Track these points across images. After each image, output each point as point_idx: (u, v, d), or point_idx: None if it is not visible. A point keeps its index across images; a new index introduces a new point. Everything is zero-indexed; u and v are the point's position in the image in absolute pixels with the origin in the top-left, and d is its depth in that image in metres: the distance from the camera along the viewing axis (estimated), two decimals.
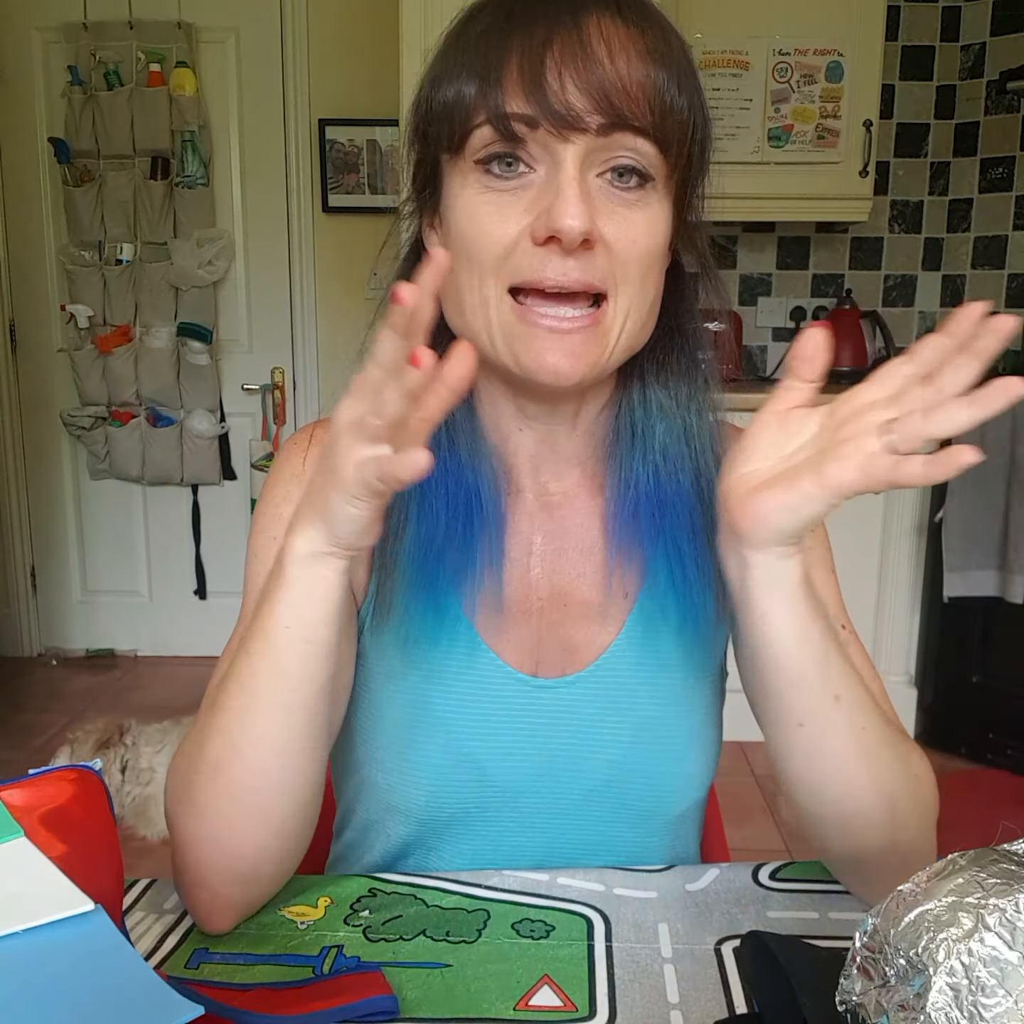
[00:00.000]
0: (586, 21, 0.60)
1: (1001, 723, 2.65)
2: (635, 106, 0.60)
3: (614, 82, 0.59)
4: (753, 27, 2.70)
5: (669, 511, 0.71)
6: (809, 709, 0.60)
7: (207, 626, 3.34)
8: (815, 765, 0.62)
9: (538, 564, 0.74)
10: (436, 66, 0.65)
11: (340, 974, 0.59)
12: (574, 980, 0.59)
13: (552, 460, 0.74)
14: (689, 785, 0.75)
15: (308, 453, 0.74)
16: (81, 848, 0.50)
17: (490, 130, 0.61)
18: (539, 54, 0.59)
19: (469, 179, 0.63)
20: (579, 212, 0.59)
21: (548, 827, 0.74)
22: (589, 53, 0.59)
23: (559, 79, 0.59)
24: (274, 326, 3.30)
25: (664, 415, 0.72)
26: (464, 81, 0.62)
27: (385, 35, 2.60)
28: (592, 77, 0.59)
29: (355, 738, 0.75)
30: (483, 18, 0.63)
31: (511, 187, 0.62)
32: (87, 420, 3.25)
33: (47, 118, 3.16)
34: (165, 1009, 0.40)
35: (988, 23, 2.97)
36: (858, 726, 0.60)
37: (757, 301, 3.19)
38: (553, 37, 0.59)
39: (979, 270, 3.09)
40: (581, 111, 0.59)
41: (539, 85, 0.59)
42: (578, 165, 0.60)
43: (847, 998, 0.47)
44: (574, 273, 0.61)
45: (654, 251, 0.64)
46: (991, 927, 0.42)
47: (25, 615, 3.46)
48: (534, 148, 0.61)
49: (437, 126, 0.64)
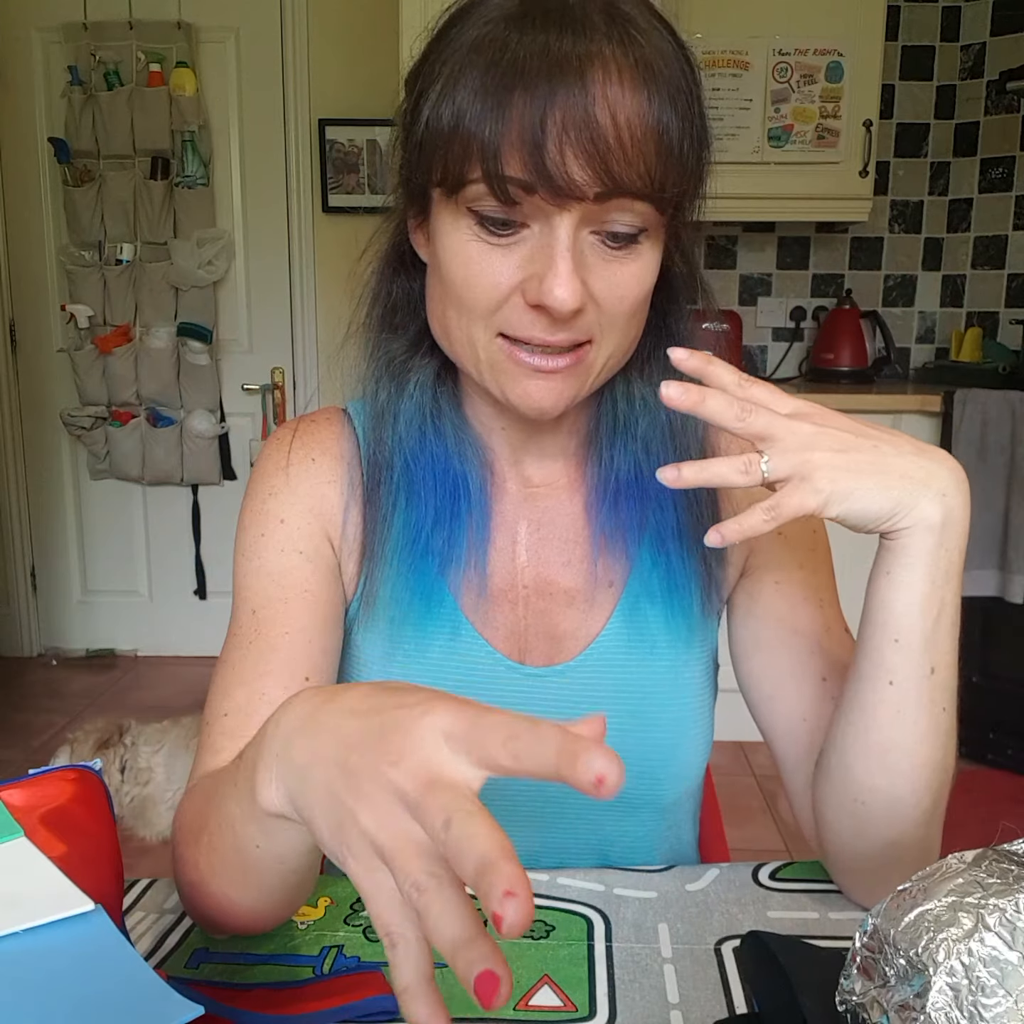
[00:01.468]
0: (591, 77, 0.56)
1: (1001, 723, 2.65)
2: (636, 175, 0.58)
3: (615, 151, 0.56)
4: (753, 27, 2.70)
5: (652, 502, 0.72)
6: (904, 671, 0.59)
7: (207, 626, 3.34)
8: (889, 729, 0.60)
9: (523, 553, 0.75)
10: (428, 73, 0.61)
11: (340, 974, 0.59)
12: (574, 980, 0.59)
13: (535, 454, 0.74)
14: (679, 774, 0.75)
15: (291, 447, 0.74)
16: (81, 848, 0.50)
17: (485, 187, 0.59)
18: (540, 117, 0.56)
19: (461, 223, 0.61)
20: (572, 290, 0.58)
21: (539, 815, 0.74)
22: (592, 120, 0.56)
23: (559, 147, 0.56)
24: (274, 326, 3.30)
25: (647, 409, 0.72)
26: (462, 117, 0.58)
27: (385, 35, 2.59)
28: (594, 147, 0.56)
29: None
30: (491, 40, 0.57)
31: (504, 243, 0.61)
32: (87, 420, 3.25)
33: (47, 118, 3.16)
34: (165, 1009, 0.40)
35: (988, 23, 2.97)
36: (939, 706, 0.60)
37: (757, 301, 3.19)
38: (556, 97, 0.56)
39: (979, 270, 3.09)
40: (581, 183, 0.57)
41: (539, 152, 0.56)
42: (572, 231, 0.59)
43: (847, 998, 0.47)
44: (562, 334, 0.61)
45: (642, 296, 0.64)
46: (991, 927, 0.42)
47: (25, 615, 3.46)
48: (529, 208, 0.59)
49: (429, 154, 0.61)
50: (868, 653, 0.60)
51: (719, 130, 2.83)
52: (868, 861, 0.65)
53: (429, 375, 0.72)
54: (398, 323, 0.73)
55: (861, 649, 0.61)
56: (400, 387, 0.72)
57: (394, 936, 0.37)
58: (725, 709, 0.83)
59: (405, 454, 0.71)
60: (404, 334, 0.73)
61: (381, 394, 0.73)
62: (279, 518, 0.72)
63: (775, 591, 0.74)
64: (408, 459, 0.71)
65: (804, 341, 3.20)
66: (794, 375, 3.20)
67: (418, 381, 0.72)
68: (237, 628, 0.70)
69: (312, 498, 0.73)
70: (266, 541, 0.71)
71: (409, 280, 0.73)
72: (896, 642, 0.59)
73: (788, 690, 0.73)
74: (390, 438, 0.72)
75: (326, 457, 0.74)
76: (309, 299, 3.27)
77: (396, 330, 0.73)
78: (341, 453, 0.75)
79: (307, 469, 0.73)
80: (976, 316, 3.10)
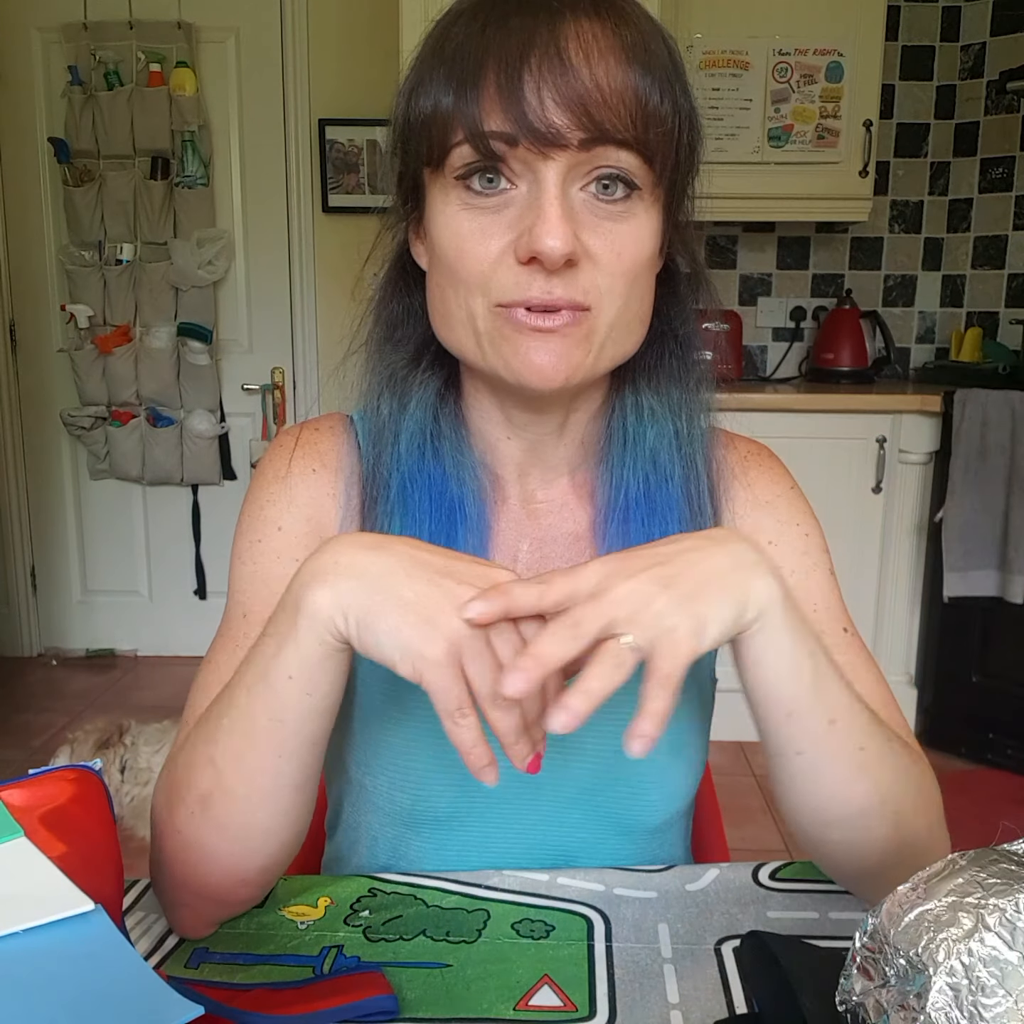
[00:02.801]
0: (563, 30, 0.58)
1: (1001, 723, 2.65)
2: (616, 119, 0.58)
3: (594, 95, 0.57)
4: (753, 27, 2.70)
5: (658, 520, 0.71)
6: (805, 737, 0.58)
7: (207, 626, 3.30)
8: (816, 790, 0.61)
9: (524, 572, 0.74)
10: (414, 75, 0.63)
11: (340, 974, 0.59)
12: (574, 980, 0.59)
13: (540, 468, 0.74)
14: (670, 796, 0.75)
15: (293, 455, 0.74)
16: (81, 848, 0.50)
17: (469, 148, 0.60)
18: (516, 68, 0.57)
19: (451, 196, 0.62)
20: (561, 233, 0.58)
21: (530, 833, 0.74)
22: (568, 65, 0.57)
23: (538, 94, 0.57)
24: (274, 326, 3.30)
25: (655, 420, 0.72)
26: (441, 96, 0.60)
27: (385, 35, 2.60)
28: (572, 91, 0.57)
29: (343, 741, 0.75)
30: (459, 28, 0.60)
31: (493, 204, 0.61)
32: (87, 420, 3.25)
33: (47, 118, 3.15)
34: (165, 1009, 0.40)
35: (988, 23, 2.97)
36: (855, 747, 0.59)
37: (757, 301, 3.19)
38: (530, 49, 0.57)
39: (979, 270, 3.09)
40: (561, 127, 0.57)
41: (517, 102, 0.57)
42: (559, 182, 0.59)
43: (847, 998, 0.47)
44: (558, 291, 0.61)
45: (641, 261, 0.63)
46: (991, 927, 0.42)
47: (25, 615, 3.46)
48: (515, 164, 0.60)
49: (416, 140, 0.63)
50: (768, 734, 0.59)
51: (719, 130, 2.84)
52: (870, 878, 0.65)
53: (431, 393, 0.72)
54: (399, 338, 0.73)
55: (761, 731, 0.60)
56: (402, 404, 0.72)
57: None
58: (725, 709, 0.83)
59: (403, 474, 0.71)
60: (404, 347, 0.73)
61: (383, 410, 0.72)
62: (277, 525, 0.71)
63: None
64: (406, 479, 0.71)
65: (804, 341, 3.20)
66: (794, 375, 3.20)
67: (420, 398, 0.72)
68: (227, 630, 0.70)
69: (311, 508, 0.73)
70: (263, 547, 0.71)
71: (410, 296, 0.73)
72: (789, 716, 0.57)
73: None
74: (389, 456, 0.72)
75: (327, 470, 0.74)
76: (309, 299, 3.27)
77: (397, 344, 0.73)
78: (341, 466, 0.74)
79: (307, 479, 0.73)
80: (976, 316, 3.10)
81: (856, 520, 2.64)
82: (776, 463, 0.79)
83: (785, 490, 0.77)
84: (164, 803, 0.62)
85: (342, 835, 0.80)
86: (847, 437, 2.62)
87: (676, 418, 0.72)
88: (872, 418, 2.61)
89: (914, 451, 2.62)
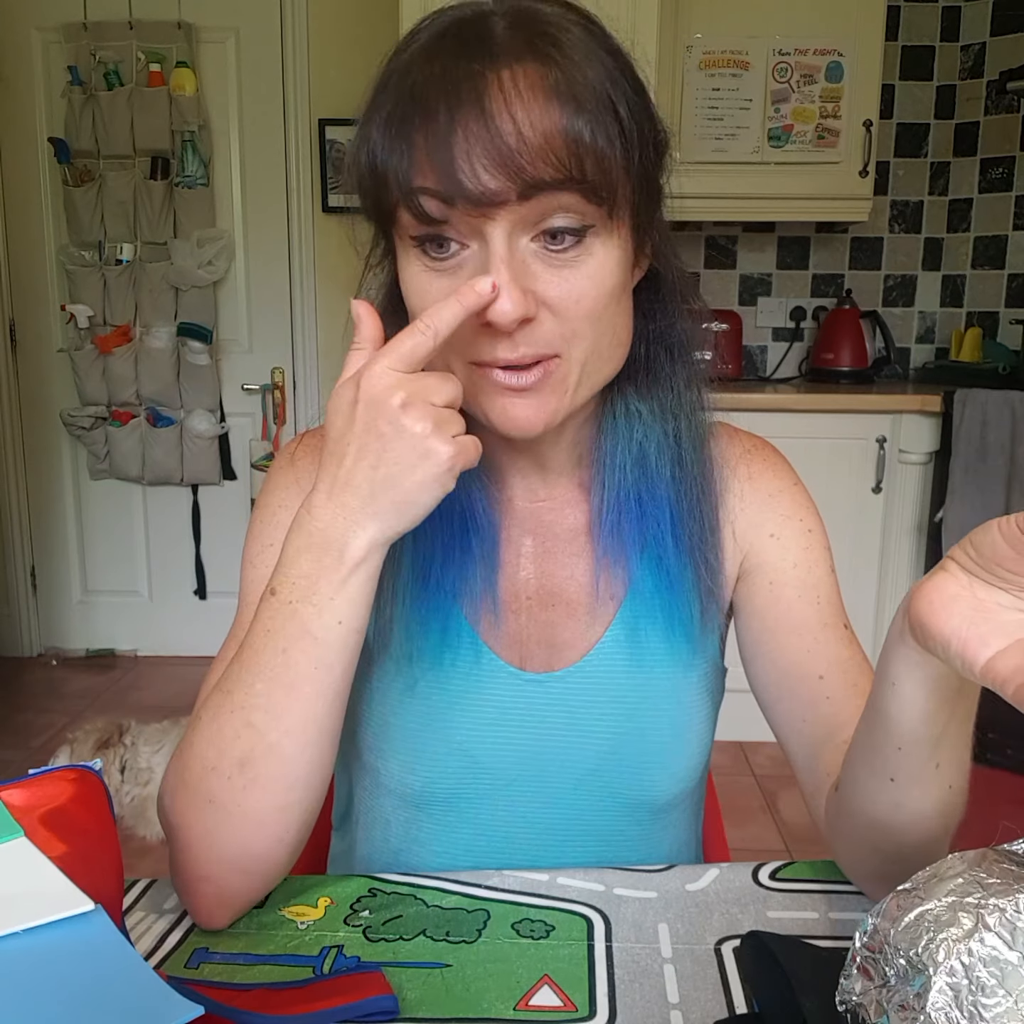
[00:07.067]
0: (489, 93, 0.57)
1: (1001, 723, 2.64)
2: (549, 165, 0.57)
3: (520, 149, 0.56)
4: (753, 27, 2.70)
5: (651, 518, 0.72)
6: (907, 771, 0.58)
7: (207, 626, 3.34)
8: (893, 811, 0.60)
9: (527, 566, 0.76)
10: (363, 118, 0.63)
11: (340, 974, 0.59)
12: (574, 980, 0.59)
13: (539, 471, 0.75)
14: (674, 776, 0.76)
15: (302, 462, 0.76)
16: (81, 848, 0.50)
17: (408, 215, 0.60)
18: (444, 138, 0.57)
19: (411, 255, 0.62)
20: (510, 298, 0.58)
21: (538, 814, 0.76)
22: (494, 128, 0.56)
23: (467, 159, 0.57)
24: (274, 326, 3.30)
25: (644, 422, 0.72)
26: (379, 161, 0.60)
27: (385, 35, 2.59)
28: (501, 148, 0.56)
29: (356, 727, 0.77)
30: (396, 77, 0.61)
31: (450, 267, 0.61)
32: (87, 420, 3.25)
33: (47, 118, 3.15)
34: (165, 1009, 0.40)
35: (988, 23, 2.97)
36: (946, 786, 0.59)
37: (757, 301, 3.19)
38: (455, 117, 0.57)
39: (979, 270, 3.09)
40: (496, 189, 0.57)
41: (449, 168, 0.57)
42: (506, 239, 0.59)
43: (847, 998, 0.47)
44: (522, 348, 0.61)
45: (603, 299, 0.62)
46: (991, 927, 0.42)
47: (25, 615, 3.46)
48: (460, 226, 0.59)
49: (364, 198, 0.64)
50: (869, 749, 0.59)
51: (719, 130, 2.84)
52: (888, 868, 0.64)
53: None
54: None
55: (861, 744, 0.60)
56: None
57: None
58: (725, 709, 0.83)
59: None
60: None
61: None
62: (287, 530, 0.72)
63: (769, 592, 0.75)
64: None
65: (804, 341, 3.20)
66: (794, 375, 3.20)
67: None
68: (239, 630, 0.71)
69: None
70: (275, 551, 0.71)
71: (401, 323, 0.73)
72: (899, 750, 0.57)
73: (788, 691, 0.73)
74: None
75: None
76: (309, 299, 3.26)
77: None
78: None
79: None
80: (976, 316, 3.10)
81: (856, 520, 2.63)
82: (779, 458, 0.80)
83: (788, 485, 0.78)
84: (190, 779, 0.62)
85: (355, 822, 0.82)
86: (847, 437, 2.62)
87: (665, 419, 0.72)
88: (872, 418, 2.61)
89: (914, 451, 2.62)
